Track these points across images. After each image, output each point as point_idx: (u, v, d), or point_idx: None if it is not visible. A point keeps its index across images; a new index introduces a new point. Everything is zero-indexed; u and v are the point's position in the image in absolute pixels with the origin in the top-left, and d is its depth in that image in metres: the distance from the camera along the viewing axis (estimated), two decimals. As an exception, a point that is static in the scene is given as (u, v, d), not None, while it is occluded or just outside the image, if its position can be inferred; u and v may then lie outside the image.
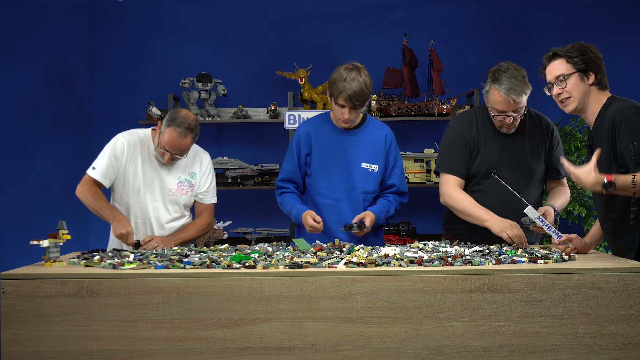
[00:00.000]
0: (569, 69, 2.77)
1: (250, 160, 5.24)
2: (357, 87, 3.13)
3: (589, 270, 2.42)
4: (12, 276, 2.42)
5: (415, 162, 5.05)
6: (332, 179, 3.29)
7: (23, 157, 5.25)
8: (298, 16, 5.37)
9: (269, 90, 5.33)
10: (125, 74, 5.33)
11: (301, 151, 3.33)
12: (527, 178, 3.20)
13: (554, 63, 2.81)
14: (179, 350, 2.38)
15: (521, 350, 2.38)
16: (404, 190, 3.42)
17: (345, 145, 3.30)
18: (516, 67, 3.09)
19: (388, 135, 3.37)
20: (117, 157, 3.25)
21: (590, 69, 2.77)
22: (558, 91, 2.80)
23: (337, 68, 3.22)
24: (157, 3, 5.36)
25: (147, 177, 3.28)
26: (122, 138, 3.29)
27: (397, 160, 3.39)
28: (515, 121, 3.14)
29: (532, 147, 3.21)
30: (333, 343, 2.38)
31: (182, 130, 3.14)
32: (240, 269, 2.46)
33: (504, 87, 3.04)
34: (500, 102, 3.08)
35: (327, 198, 3.29)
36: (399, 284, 2.38)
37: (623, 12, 5.31)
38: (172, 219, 3.34)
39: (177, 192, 3.32)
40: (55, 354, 2.38)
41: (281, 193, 3.38)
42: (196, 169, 3.37)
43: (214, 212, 3.49)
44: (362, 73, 3.17)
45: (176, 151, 3.20)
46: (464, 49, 5.30)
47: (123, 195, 3.29)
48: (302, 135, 3.33)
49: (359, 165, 3.29)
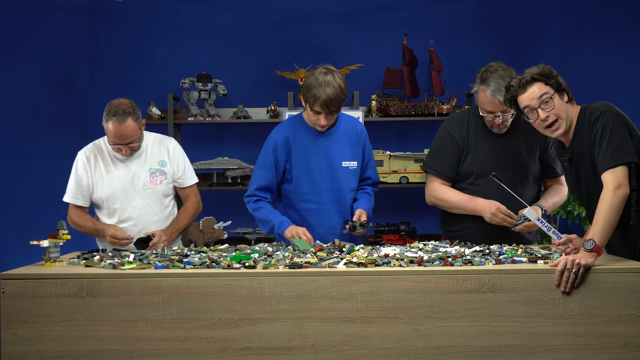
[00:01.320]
0: (550, 90, 2.70)
1: (250, 160, 5.23)
2: (333, 92, 3.03)
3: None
4: (12, 276, 2.42)
5: (415, 162, 5.05)
6: (316, 182, 3.23)
7: (23, 157, 5.25)
8: (298, 16, 5.37)
9: (269, 90, 5.33)
10: (125, 74, 5.33)
11: (279, 158, 3.22)
12: (521, 178, 3.19)
13: (532, 87, 2.70)
14: (179, 350, 2.38)
15: (521, 350, 2.38)
16: (377, 180, 3.44)
17: (324, 146, 3.24)
18: (505, 67, 3.06)
19: (362, 130, 3.34)
20: (82, 176, 3.31)
21: (563, 88, 2.72)
22: (545, 114, 2.69)
23: (311, 72, 3.13)
24: (157, 3, 5.36)
25: (118, 181, 3.29)
26: (80, 154, 3.36)
27: (371, 152, 3.40)
28: (506, 121, 3.12)
29: (526, 146, 3.20)
30: (333, 343, 2.38)
31: (119, 118, 3.14)
32: (240, 269, 2.46)
33: (490, 88, 3.02)
34: (488, 103, 3.07)
35: (312, 202, 3.23)
36: (399, 284, 2.38)
37: (623, 12, 5.31)
38: (156, 211, 3.35)
39: (152, 184, 3.32)
40: (55, 354, 2.38)
41: (257, 200, 3.24)
42: (164, 156, 3.37)
43: (198, 191, 3.51)
44: (336, 77, 3.07)
45: (125, 139, 3.19)
46: (464, 49, 5.30)
47: (104, 207, 3.32)
48: (279, 141, 3.22)
49: (340, 165, 3.25)
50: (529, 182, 3.23)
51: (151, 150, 3.35)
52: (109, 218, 3.32)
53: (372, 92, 5.16)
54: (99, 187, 3.30)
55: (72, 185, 3.34)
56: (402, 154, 5.06)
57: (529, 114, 2.73)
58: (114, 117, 3.15)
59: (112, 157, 3.32)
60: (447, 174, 3.23)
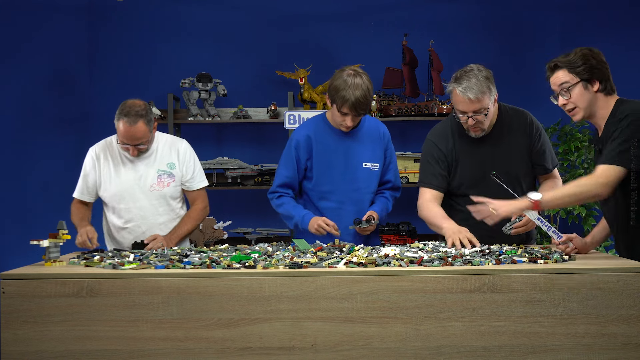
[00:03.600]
0: (573, 79, 2.70)
1: (250, 160, 5.24)
2: (361, 95, 3.08)
3: (589, 270, 2.41)
4: (12, 276, 2.42)
5: (415, 162, 5.05)
6: (335, 182, 3.25)
7: (23, 157, 5.26)
8: (298, 16, 5.37)
9: (269, 90, 5.33)
10: (125, 74, 5.33)
11: (300, 156, 3.26)
12: (512, 181, 3.10)
13: (556, 74, 2.74)
14: (179, 350, 2.38)
15: (521, 350, 2.38)
16: (398, 185, 3.42)
17: (346, 147, 3.27)
18: (481, 68, 3.02)
19: (385, 132, 3.36)
20: (89, 172, 3.31)
21: (594, 76, 2.70)
22: (563, 102, 2.74)
23: (337, 73, 3.15)
24: (157, 3, 5.37)
25: (125, 180, 3.28)
26: (91, 151, 3.35)
27: (393, 155, 3.39)
28: (480, 124, 3.05)
29: (513, 149, 3.15)
30: (333, 343, 2.37)
31: (130, 119, 3.12)
32: (240, 269, 2.46)
33: (461, 86, 2.97)
34: (459, 102, 3.01)
35: (331, 202, 3.25)
36: (399, 284, 2.38)
37: (623, 12, 5.31)
38: (161, 213, 3.32)
39: (159, 185, 3.30)
40: (55, 354, 2.38)
41: (279, 196, 3.30)
42: (174, 158, 3.34)
43: (207, 196, 3.46)
44: (364, 79, 3.12)
45: (134, 140, 3.17)
46: (464, 49, 5.30)
47: (110, 205, 3.31)
48: (301, 139, 3.26)
49: (361, 166, 3.27)
50: (521, 184, 3.17)
51: (161, 151, 3.33)
52: (112, 216, 3.31)
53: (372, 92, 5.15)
54: (105, 186, 3.28)
55: (80, 181, 3.35)
56: (402, 154, 5.06)
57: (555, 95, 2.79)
58: (125, 117, 3.13)
59: (121, 156, 3.30)
60: (438, 184, 3.16)
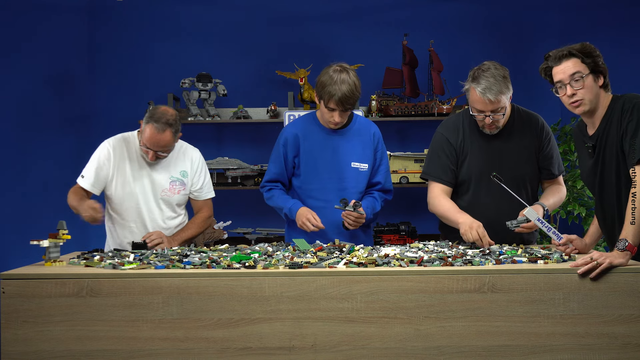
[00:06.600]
0: (585, 69, 2.69)
1: (250, 160, 5.24)
2: (348, 90, 3.08)
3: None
4: (12, 276, 2.42)
5: (415, 162, 5.05)
6: (322, 180, 3.26)
7: (23, 157, 5.25)
8: (298, 16, 5.37)
9: (269, 90, 5.33)
10: (125, 74, 5.33)
11: (288, 153, 3.28)
12: (517, 181, 3.13)
13: (567, 62, 2.70)
14: (179, 350, 2.38)
15: (521, 350, 2.38)
16: (388, 187, 3.40)
17: (334, 145, 3.27)
18: (497, 66, 3.03)
19: (376, 133, 3.35)
20: (103, 165, 3.25)
21: (600, 70, 2.70)
22: (572, 91, 2.68)
23: (324, 70, 3.17)
24: (157, 3, 5.36)
25: (138, 180, 3.26)
26: (108, 144, 3.29)
27: (384, 157, 3.38)
28: (497, 122, 3.08)
29: (522, 149, 3.17)
30: (333, 343, 2.38)
31: (160, 126, 3.10)
32: (240, 269, 2.46)
33: (480, 87, 2.98)
34: (478, 102, 3.03)
35: (318, 200, 3.26)
36: (399, 284, 2.38)
37: (623, 12, 5.31)
38: (167, 218, 3.32)
39: (170, 192, 3.30)
40: (55, 354, 2.38)
41: (269, 189, 3.35)
42: (187, 167, 3.34)
43: (212, 206, 3.47)
44: (350, 74, 3.12)
45: (157, 147, 3.16)
46: (464, 49, 5.30)
47: (116, 201, 3.27)
48: (289, 137, 3.29)
49: (349, 165, 3.27)
50: (526, 185, 3.19)
51: (175, 158, 3.32)
52: (115, 212, 3.29)
53: (372, 92, 5.16)
54: (116, 183, 3.25)
55: (92, 172, 3.23)
56: (402, 154, 5.06)
57: (558, 89, 2.73)
58: (155, 123, 3.10)
59: (137, 156, 3.28)
60: (448, 179, 3.18)
